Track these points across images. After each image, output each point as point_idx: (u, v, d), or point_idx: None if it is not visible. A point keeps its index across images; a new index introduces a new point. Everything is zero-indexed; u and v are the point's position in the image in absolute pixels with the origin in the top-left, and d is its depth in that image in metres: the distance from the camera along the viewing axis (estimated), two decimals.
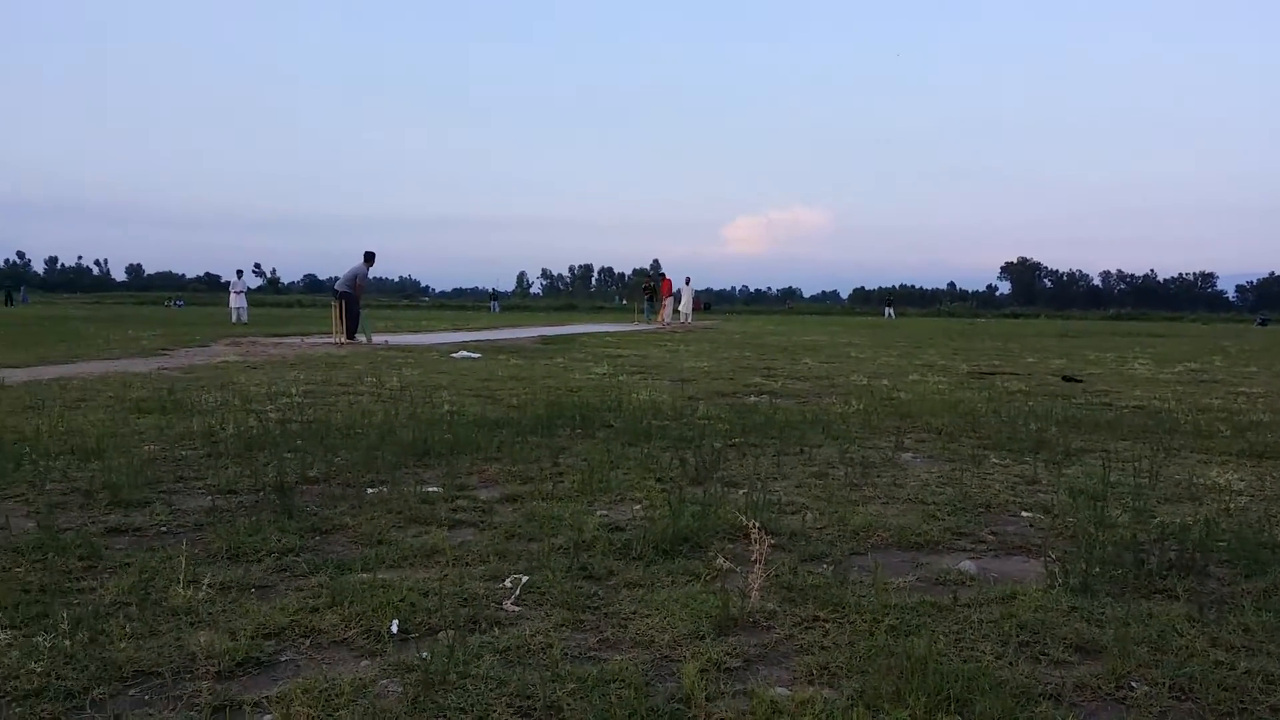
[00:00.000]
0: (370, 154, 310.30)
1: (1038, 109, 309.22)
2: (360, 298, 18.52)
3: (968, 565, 3.47)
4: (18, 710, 2.19)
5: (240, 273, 33.43)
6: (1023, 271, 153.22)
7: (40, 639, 2.56)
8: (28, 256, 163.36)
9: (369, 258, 18.51)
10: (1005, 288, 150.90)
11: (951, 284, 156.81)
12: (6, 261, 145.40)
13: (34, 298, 75.67)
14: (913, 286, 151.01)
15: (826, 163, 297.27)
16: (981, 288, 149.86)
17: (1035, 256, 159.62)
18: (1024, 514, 4.32)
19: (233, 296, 32.16)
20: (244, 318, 30.48)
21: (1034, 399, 9.08)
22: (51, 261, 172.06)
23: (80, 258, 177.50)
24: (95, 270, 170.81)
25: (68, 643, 2.53)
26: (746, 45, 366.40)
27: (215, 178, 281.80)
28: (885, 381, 10.78)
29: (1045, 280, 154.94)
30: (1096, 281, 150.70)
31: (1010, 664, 2.53)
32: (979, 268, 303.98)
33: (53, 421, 6.27)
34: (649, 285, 39.16)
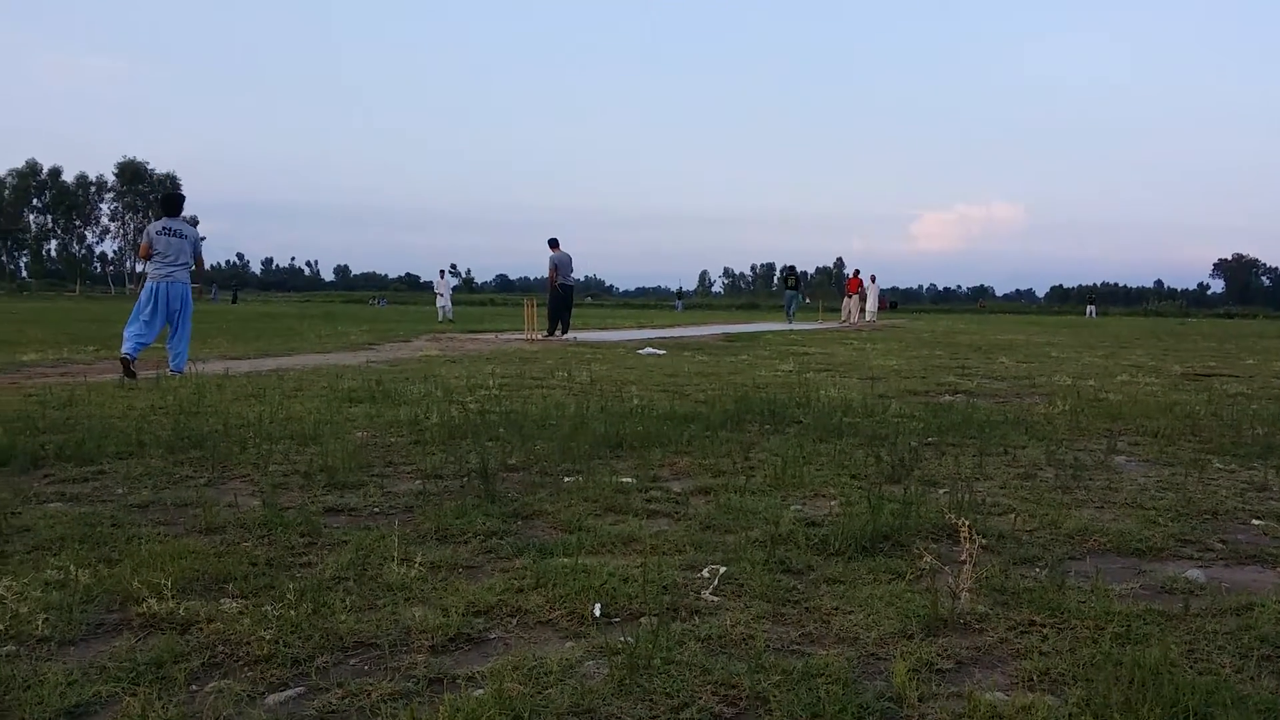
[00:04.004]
0: (552, 152, 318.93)
1: (1253, 95, 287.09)
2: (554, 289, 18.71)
3: (1196, 574, 3.23)
4: (249, 674, 2.33)
5: (442, 273, 34.78)
6: (1238, 269, 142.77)
7: (268, 609, 2.71)
8: (246, 258, 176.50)
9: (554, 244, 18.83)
10: (1218, 286, 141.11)
11: (1159, 281, 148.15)
12: (227, 263, 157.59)
13: (248, 296, 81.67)
14: (1116, 284, 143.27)
15: (1023, 156, 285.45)
16: (1192, 285, 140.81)
17: (1252, 252, 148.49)
18: (1255, 521, 3.99)
19: (438, 296, 33.38)
20: (449, 315, 31.52)
21: (1257, 402, 8.38)
22: (267, 262, 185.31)
23: (293, 258, 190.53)
24: (306, 271, 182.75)
25: (293, 613, 2.67)
26: (934, 35, 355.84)
27: (415, 181, 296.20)
28: (1091, 382, 10.21)
29: (1263, 278, 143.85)
30: None
31: (1252, 679, 2.33)
32: (1189, 264, 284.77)
33: (273, 409, 6.69)
34: (793, 279, 36.99)
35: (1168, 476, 4.89)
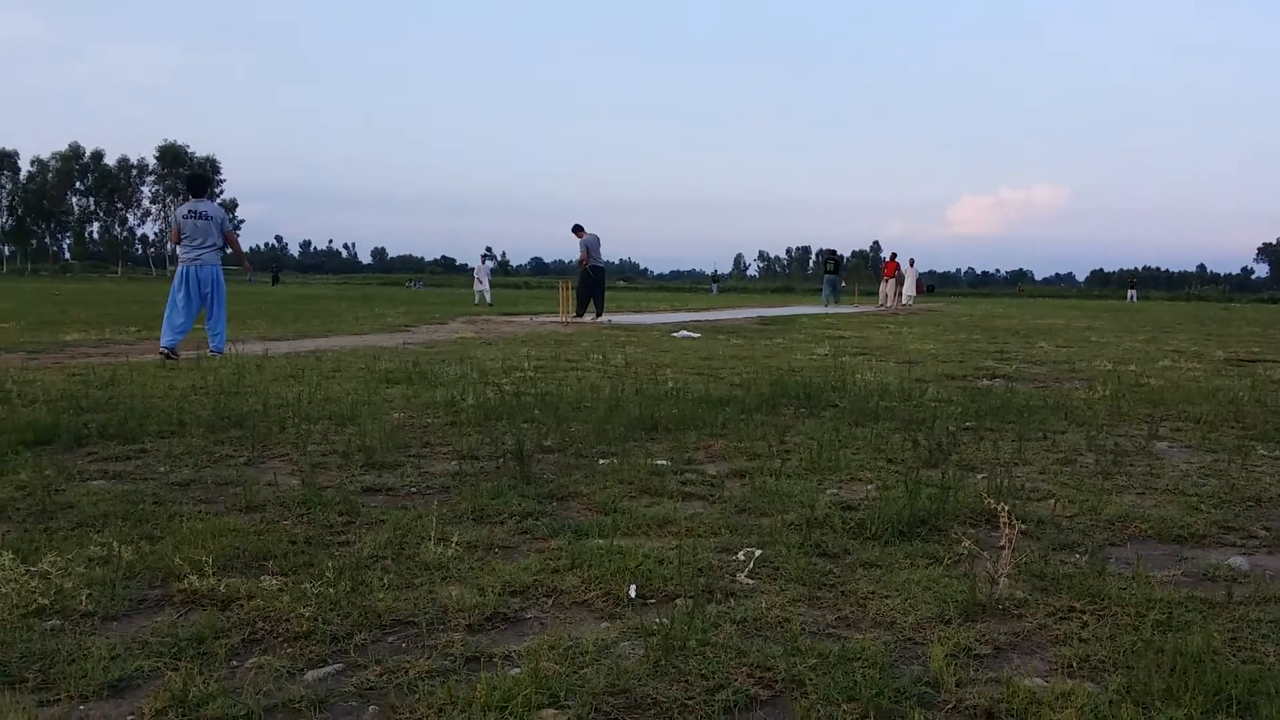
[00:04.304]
0: (588, 137, 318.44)
1: None
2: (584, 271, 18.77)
3: (1239, 561, 3.18)
4: (288, 650, 2.35)
5: (482, 258, 35.04)
6: None
7: (307, 586, 2.73)
8: (285, 240, 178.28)
9: (578, 229, 18.88)
10: (1263, 270, 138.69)
11: (1201, 266, 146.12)
12: (266, 245, 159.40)
13: (287, 278, 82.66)
14: (1157, 268, 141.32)
15: (1064, 140, 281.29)
16: (1235, 270, 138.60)
17: None
18: None
19: (476, 281, 33.50)
20: (487, 298, 31.54)
21: None
22: (305, 245, 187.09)
23: (330, 241, 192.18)
24: (344, 253, 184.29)
25: (332, 590, 2.69)
26: (972, 19, 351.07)
27: (450, 165, 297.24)
28: (1132, 367, 10.07)
29: None
30: None
31: None
32: (1232, 249, 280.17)
33: (312, 389, 6.75)
34: (833, 264, 36.34)
35: (1210, 463, 4.81)
